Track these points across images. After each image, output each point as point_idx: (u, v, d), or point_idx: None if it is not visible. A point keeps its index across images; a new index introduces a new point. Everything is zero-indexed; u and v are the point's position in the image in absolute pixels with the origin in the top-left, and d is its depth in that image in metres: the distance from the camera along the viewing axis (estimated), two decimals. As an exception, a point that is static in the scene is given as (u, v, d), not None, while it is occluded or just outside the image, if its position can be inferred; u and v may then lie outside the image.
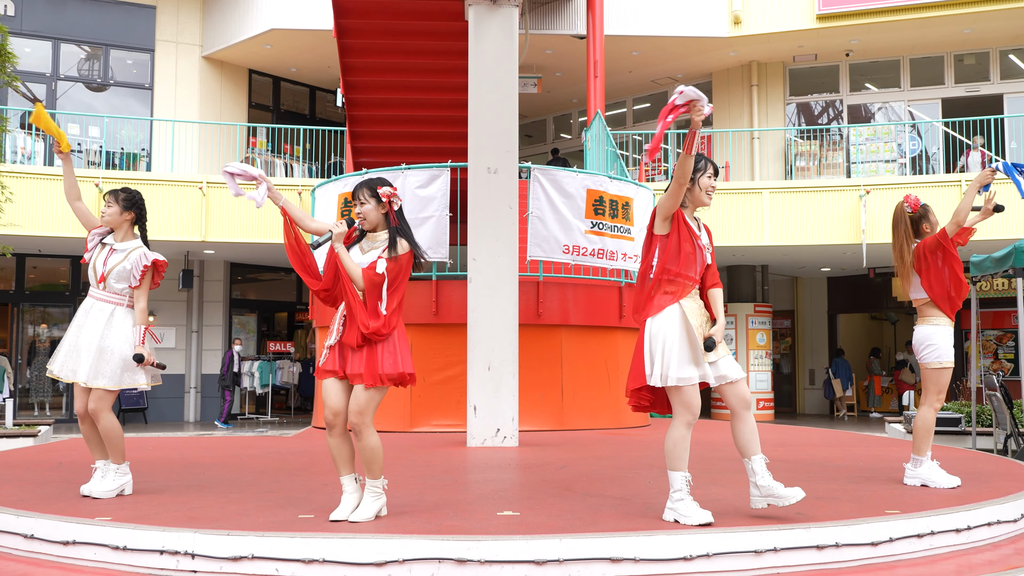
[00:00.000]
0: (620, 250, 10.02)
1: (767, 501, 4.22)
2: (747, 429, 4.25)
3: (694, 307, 4.24)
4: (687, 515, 4.07)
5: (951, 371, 5.42)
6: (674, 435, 4.17)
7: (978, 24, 16.32)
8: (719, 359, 4.23)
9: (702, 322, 4.25)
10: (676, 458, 4.16)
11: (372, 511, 4.20)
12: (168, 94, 17.99)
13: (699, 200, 4.31)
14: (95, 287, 5.04)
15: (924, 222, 5.53)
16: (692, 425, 4.17)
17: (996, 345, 17.18)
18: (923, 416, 5.47)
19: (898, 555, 4.07)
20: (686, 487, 4.16)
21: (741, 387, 4.26)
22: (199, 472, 6.12)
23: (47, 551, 4.13)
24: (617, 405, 10.27)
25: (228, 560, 3.76)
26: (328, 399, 4.24)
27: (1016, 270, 9.63)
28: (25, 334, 17.69)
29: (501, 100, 8.12)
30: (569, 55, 16.93)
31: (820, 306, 20.85)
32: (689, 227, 4.26)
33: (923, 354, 5.47)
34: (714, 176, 4.32)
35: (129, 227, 5.16)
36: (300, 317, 20.62)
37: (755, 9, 16.80)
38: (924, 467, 5.36)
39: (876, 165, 16.73)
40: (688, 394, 4.14)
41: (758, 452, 4.26)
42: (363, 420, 4.16)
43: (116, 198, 5.14)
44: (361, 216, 4.29)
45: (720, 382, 4.24)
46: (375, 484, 4.26)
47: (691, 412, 4.14)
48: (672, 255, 4.20)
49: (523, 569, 3.66)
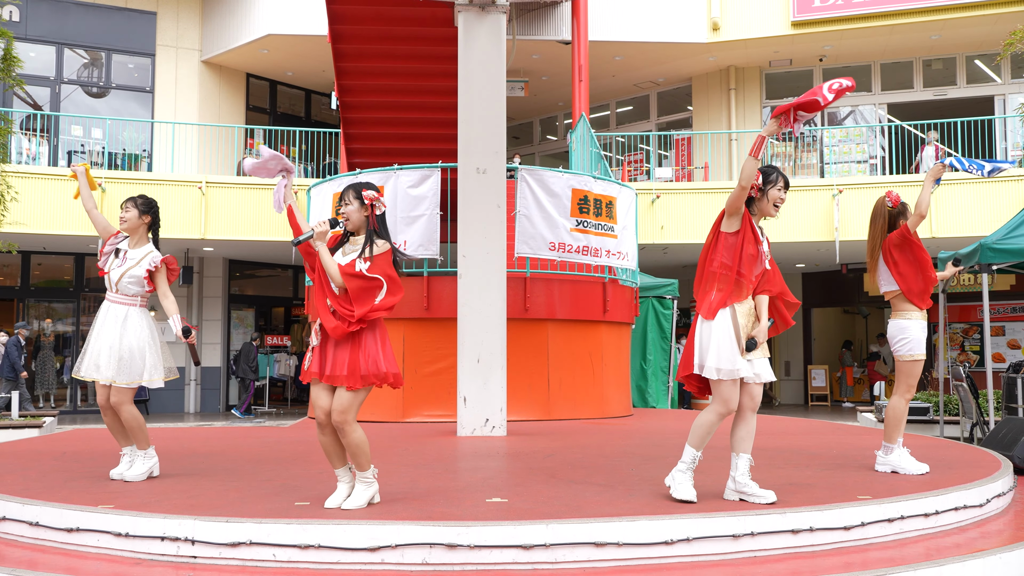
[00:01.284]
0: (604, 247, 10.06)
1: (739, 496, 4.32)
2: (746, 428, 4.41)
3: (744, 308, 4.38)
4: (679, 488, 4.31)
5: (923, 363, 5.47)
6: (705, 419, 4.37)
7: (945, 31, 16.75)
8: (755, 359, 4.37)
9: (749, 322, 4.38)
10: (698, 437, 4.39)
11: (364, 499, 4.25)
12: (168, 97, 18.17)
13: (766, 210, 4.44)
14: (111, 291, 5.22)
15: (902, 218, 5.55)
16: (724, 417, 4.35)
17: (963, 338, 17.57)
18: (894, 406, 5.53)
19: (870, 539, 4.14)
20: (692, 464, 4.38)
21: (759, 390, 4.41)
22: (199, 461, 6.11)
23: (52, 538, 4.15)
24: (601, 396, 10.36)
25: (227, 546, 3.79)
26: (317, 400, 4.27)
27: (982, 266, 9.76)
28: (30, 329, 17.79)
29: (489, 103, 8.12)
30: (555, 60, 17.21)
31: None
32: (755, 230, 4.41)
33: (896, 346, 5.52)
34: (784, 189, 4.43)
35: (145, 232, 5.31)
36: (296, 312, 20.76)
37: (733, 16, 17.13)
38: (895, 454, 5.42)
39: (848, 166, 17.17)
40: (727, 388, 4.31)
41: (747, 452, 4.39)
42: (345, 419, 4.19)
43: (134, 203, 5.28)
44: (344, 216, 4.30)
45: (755, 380, 4.37)
46: (365, 475, 4.31)
47: (727, 406, 4.33)
48: (735, 253, 4.34)
49: (511, 553, 3.71)
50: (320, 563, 3.74)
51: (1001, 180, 15.03)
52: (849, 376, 20.68)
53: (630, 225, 10.77)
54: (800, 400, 20.80)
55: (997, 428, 7.92)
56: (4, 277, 17.95)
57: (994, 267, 9.93)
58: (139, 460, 5.22)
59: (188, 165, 17.34)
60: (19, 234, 13.73)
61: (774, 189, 4.42)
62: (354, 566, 3.73)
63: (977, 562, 3.87)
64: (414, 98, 12.44)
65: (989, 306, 10.19)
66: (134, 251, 5.25)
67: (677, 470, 4.41)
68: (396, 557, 3.72)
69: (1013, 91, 17.58)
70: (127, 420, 5.16)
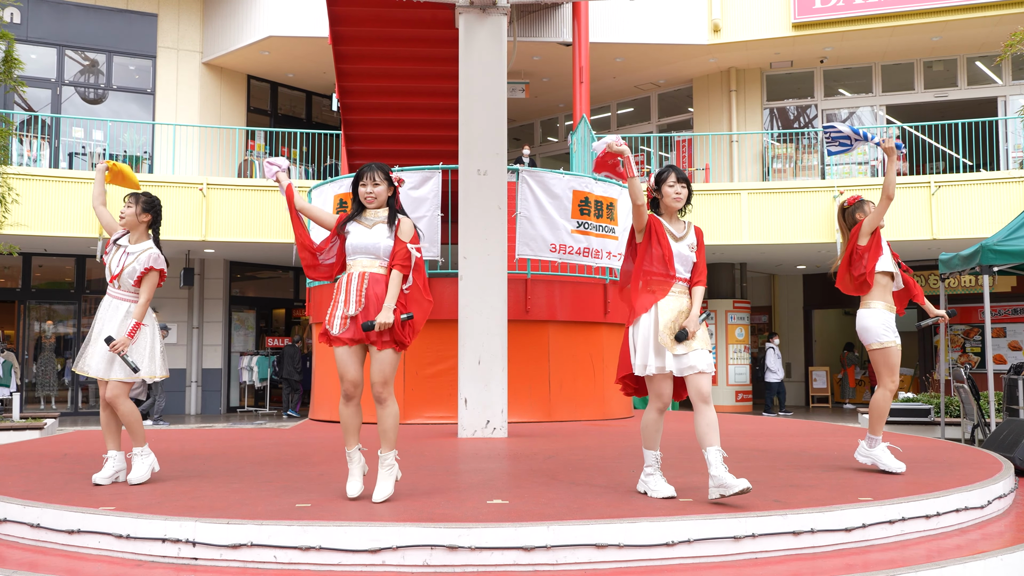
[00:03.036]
0: (605, 248, 10.08)
1: (718, 492, 4.27)
2: (703, 421, 4.38)
3: (673, 304, 4.50)
4: (655, 489, 4.46)
5: (896, 350, 5.42)
6: (646, 418, 4.61)
7: (946, 32, 16.75)
8: (689, 351, 4.40)
9: (679, 317, 4.48)
10: (647, 438, 4.60)
11: (391, 486, 4.40)
12: (169, 99, 18.19)
13: (670, 205, 4.60)
14: (111, 286, 5.24)
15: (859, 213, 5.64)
16: (662, 411, 4.54)
17: (963, 339, 17.59)
18: (876, 398, 5.52)
19: (871, 540, 4.15)
20: (655, 464, 4.55)
21: (701, 381, 4.39)
22: (200, 463, 6.13)
23: (53, 540, 4.16)
24: (602, 397, 10.35)
25: (228, 548, 3.80)
26: (348, 371, 4.42)
27: (982, 267, 9.87)
28: (31, 330, 17.88)
29: (490, 104, 8.14)
30: (556, 61, 17.22)
31: (796, 302, 21.17)
32: (662, 231, 4.56)
33: (864, 339, 5.53)
34: (678, 181, 4.57)
35: (144, 229, 5.33)
36: (297, 314, 20.74)
37: (734, 18, 17.13)
38: (878, 448, 5.45)
39: (849, 167, 17.17)
40: (656, 383, 4.51)
41: (714, 444, 4.34)
42: (388, 388, 4.40)
43: (136, 200, 5.30)
44: (372, 196, 4.51)
45: (687, 372, 4.40)
46: (390, 455, 4.45)
47: (660, 400, 4.52)
48: (647, 257, 4.55)
49: (512, 555, 3.72)
50: (321, 564, 3.75)
51: (1002, 181, 15.04)
52: (851, 377, 20.69)
53: (631, 227, 10.78)
54: (801, 402, 20.81)
55: (998, 430, 7.95)
56: (5, 279, 17.96)
57: (995, 269, 10.02)
58: (137, 461, 5.21)
59: (189, 167, 17.35)
60: (20, 236, 13.72)
61: (666, 185, 4.61)
62: (355, 568, 3.72)
63: (978, 564, 3.87)
64: (415, 100, 12.45)
65: (990, 308, 10.21)
66: (134, 247, 5.27)
67: (644, 474, 4.60)
68: (397, 559, 3.72)
69: (1014, 92, 17.57)
70: (123, 416, 5.15)
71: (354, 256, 4.52)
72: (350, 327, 4.43)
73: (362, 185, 4.54)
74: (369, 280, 4.45)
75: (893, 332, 5.49)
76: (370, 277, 4.46)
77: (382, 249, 4.48)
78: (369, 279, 4.45)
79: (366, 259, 4.50)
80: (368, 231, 4.51)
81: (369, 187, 4.52)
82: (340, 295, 4.48)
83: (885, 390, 5.51)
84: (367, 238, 4.50)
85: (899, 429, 11.24)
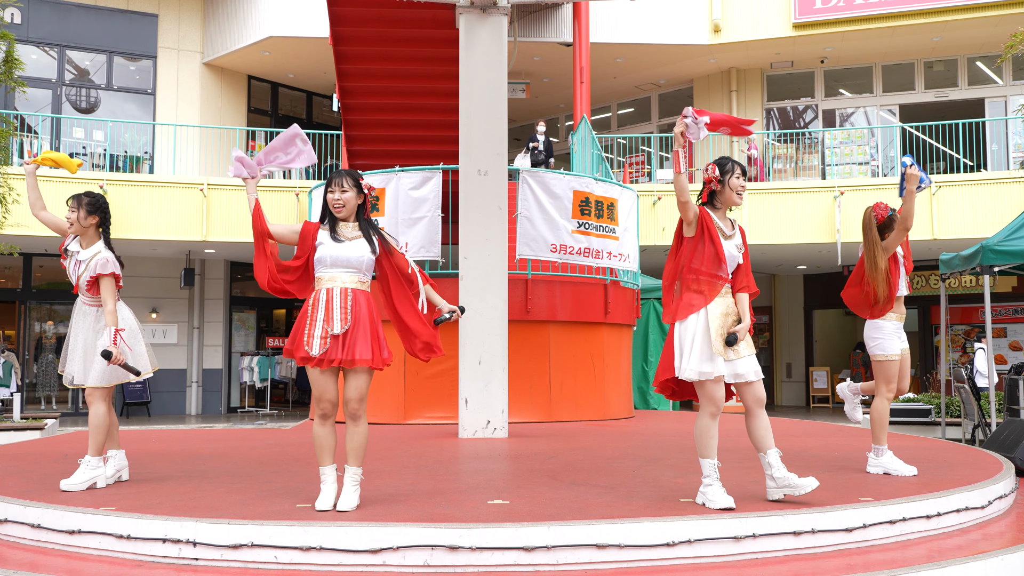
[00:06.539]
0: (605, 249, 10.09)
1: (783, 492, 4.30)
2: (761, 425, 4.40)
3: (721, 307, 4.38)
4: (713, 500, 4.19)
5: (897, 363, 5.54)
6: (699, 424, 4.38)
7: (947, 32, 16.77)
8: (738, 359, 4.35)
9: (729, 321, 4.38)
10: (703, 446, 4.35)
11: (356, 499, 4.25)
12: (170, 99, 18.20)
13: (730, 200, 4.48)
14: (80, 293, 5.13)
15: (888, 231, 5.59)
16: (716, 416, 4.34)
17: (964, 340, 17.63)
18: (875, 407, 5.59)
19: (872, 540, 4.15)
20: (714, 473, 4.29)
21: (757, 386, 4.39)
22: (200, 463, 6.12)
23: (53, 540, 4.15)
24: (603, 397, 10.36)
25: (229, 548, 3.79)
26: (326, 391, 4.27)
27: (983, 268, 9.90)
28: (32, 331, 17.89)
29: (491, 105, 8.16)
30: (556, 61, 17.23)
31: (796, 302, 21.17)
32: (714, 227, 4.40)
33: (870, 346, 5.61)
34: (742, 176, 4.49)
35: (94, 231, 5.11)
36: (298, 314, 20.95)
37: (734, 18, 17.15)
38: (886, 456, 5.48)
39: (850, 167, 17.18)
40: (709, 388, 4.32)
41: (772, 446, 4.38)
42: (363, 406, 4.28)
43: (79, 203, 5.05)
44: (341, 203, 4.29)
45: (736, 380, 4.37)
46: (358, 471, 4.31)
47: (714, 404, 4.33)
48: (697, 254, 4.37)
49: (512, 555, 3.72)
50: (321, 565, 3.74)
51: (1002, 181, 15.05)
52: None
53: (631, 227, 10.80)
54: (802, 402, 20.81)
55: (999, 430, 7.95)
56: (6, 279, 17.97)
57: (995, 269, 10.03)
58: (81, 468, 4.95)
59: (190, 167, 17.36)
60: (21, 236, 13.72)
61: (732, 178, 4.48)
62: (355, 568, 3.72)
63: (979, 564, 3.87)
64: (415, 100, 12.48)
65: (991, 308, 10.21)
66: (84, 253, 5.08)
67: (704, 485, 4.32)
68: (398, 559, 3.72)
69: (1015, 93, 17.58)
70: (90, 419, 5.03)
71: (330, 270, 4.30)
72: (332, 346, 4.22)
73: (330, 192, 4.32)
74: (353, 297, 4.28)
75: (901, 341, 5.60)
76: (353, 294, 4.28)
77: (365, 263, 4.32)
78: (353, 296, 4.28)
79: (346, 274, 4.31)
80: (347, 244, 4.31)
81: (337, 194, 4.30)
82: (318, 312, 4.25)
83: (882, 398, 5.59)
84: (348, 251, 4.30)
85: (900, 429, 11.25)
